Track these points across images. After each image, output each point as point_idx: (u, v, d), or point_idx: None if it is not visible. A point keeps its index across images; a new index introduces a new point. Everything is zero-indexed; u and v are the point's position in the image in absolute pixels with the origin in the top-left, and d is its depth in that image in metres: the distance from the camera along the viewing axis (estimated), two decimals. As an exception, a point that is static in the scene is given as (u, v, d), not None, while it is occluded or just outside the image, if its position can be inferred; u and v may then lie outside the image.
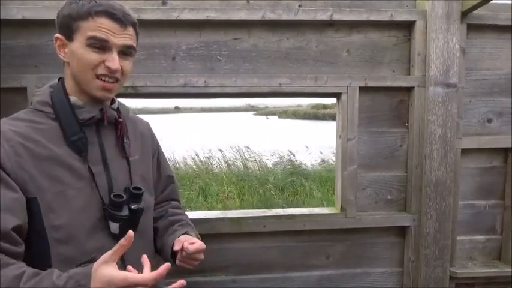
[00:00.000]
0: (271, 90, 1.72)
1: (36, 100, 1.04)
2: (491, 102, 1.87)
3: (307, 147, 8.55)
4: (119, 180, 1.07)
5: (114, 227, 1.01)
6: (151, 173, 1.24)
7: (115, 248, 0.82)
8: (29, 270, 0.84)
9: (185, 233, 1.17)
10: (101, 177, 1.03)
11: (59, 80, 1.08)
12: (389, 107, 1.83)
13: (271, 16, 1.67)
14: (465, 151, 1.84)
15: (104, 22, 0.96)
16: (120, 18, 0.97)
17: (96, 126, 1.05)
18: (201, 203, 5.91)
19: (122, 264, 0.99)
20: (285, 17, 1.68)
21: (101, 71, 0.99)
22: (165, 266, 0.84)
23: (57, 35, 1.01)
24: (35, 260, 0.93)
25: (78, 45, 0.97)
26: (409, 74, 1.80)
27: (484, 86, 1.86)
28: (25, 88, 1.58)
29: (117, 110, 1.12)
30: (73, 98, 1.03)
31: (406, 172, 1.86)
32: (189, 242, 1.07)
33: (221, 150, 8.34)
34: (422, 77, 1.76)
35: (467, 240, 1.93)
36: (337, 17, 1.70)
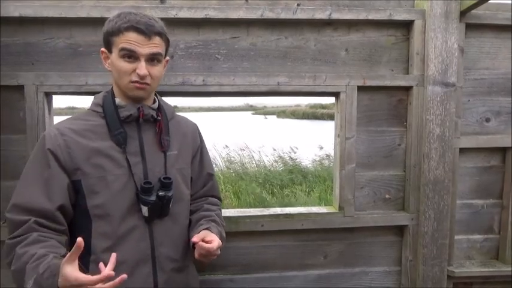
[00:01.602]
0: (269, 89, 1.71)
1: (93, 102, 1.26)
2: (489, 101, 1.87)
3: (296, 147, 8.53)
4: (155, 171, 1.22)
5: (144, 210, 1.17)
6: (190, 169, 1.36)
7: (72, 250, 0.94)
8: (40, 252, 1.02)
9: (207, 229, 1.25)
10: (137, 167, 1.20)
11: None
12: (388, 106, 1.83)
13: (269, 15, 1.66)
14: (463, 150, 1.84)
15: (131, 35, 1.13)
16: (144, 31, 1.13)
17: (137, 124, 1.22)
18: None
19: (151, 244, 1.19)
20: (283, 15, 1.67)
21: (134, 78, 1.16)
22: (106, 274, 0.93)
23: (102, 49, 1.21)
24: (78, 233, 1.10)
25: (115, 57, 1.16)
26: (408, 73, 1.80)
27: (482, 85, 1.86)
28: (22, 86, 1.57)
29: (158, 109, 1.28)
30: (118, 100, 1.22)
31: (405, 171, 1.86)
32: (206, 240, 1.16)
33: (227, 146, 8.35)
34: (420, 76, 1.76)
35: (465, 239, 1.93)
36: (335, 16, 1.70)
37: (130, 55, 1.14)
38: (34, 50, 1.61)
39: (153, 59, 1.17)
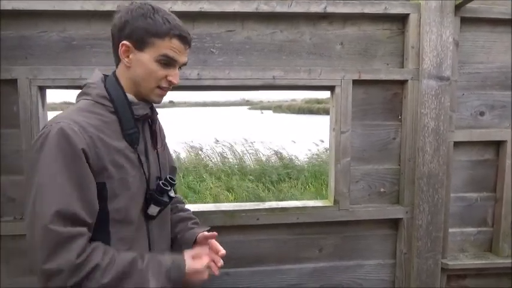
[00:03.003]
0: (264, 83, 1.71)
1: (95, 93, 1.10)
2: (483, 95, 1.88)
3: (294, 141, 8.57)
4: (154, 169, 1.19)
5: (156, 210, 1.14)
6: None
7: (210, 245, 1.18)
8: (132, 255, 1.03)
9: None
10: (145, 166, 1.15)
11: (105, 76, 1.15)
12: (383, 100, 1.83)
13: (265, 8, 1.66)
14: (457, 144, 1.85)
15: (177, 44, 1.08)
16: (188, 41, 1.11)
17: (141, 122, 1.17)
18: (194, 197, 5.89)
19: (149, 243, 1.16)
20: (278, 9, 1.67)
21: (163, 84, 1.12)
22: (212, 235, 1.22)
23: (125, 42, 1.06)
24: (97, 237, 1.03)
25: (147, 58, 1.07)
26: (403, 67, 1.81)
27: (476, 79, 1.87)
28: (15, 80, 1.56)
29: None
30: (130, 96, 1.12)
31: (399, 165, 1.87)
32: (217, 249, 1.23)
33: (217, 140, 8.35)
34: (415, 70, 1.76)
35: (458, 232, 1.95)
36: (331, 9, 1.69)
37: (168, 62, 1.09)
38: (28, 43, 1.60)
39: (181, 67, 1.15)
